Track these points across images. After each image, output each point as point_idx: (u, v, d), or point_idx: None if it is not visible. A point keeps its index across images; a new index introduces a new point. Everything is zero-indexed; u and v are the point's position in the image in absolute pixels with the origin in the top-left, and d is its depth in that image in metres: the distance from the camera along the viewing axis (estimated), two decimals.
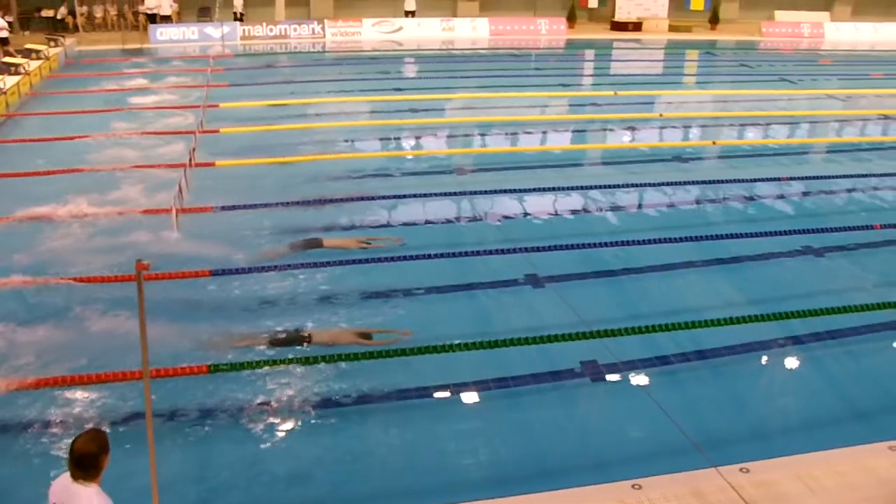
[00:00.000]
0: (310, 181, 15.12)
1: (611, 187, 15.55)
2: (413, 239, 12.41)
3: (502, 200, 14.50)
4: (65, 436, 7.32)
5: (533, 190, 14.93)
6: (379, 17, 39.12)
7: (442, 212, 13.97)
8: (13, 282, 10.44)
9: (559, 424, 8.02)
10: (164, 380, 8.14)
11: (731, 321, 9.65)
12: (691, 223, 13.65)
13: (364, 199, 14.13)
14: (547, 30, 41.19)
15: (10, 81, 22.26)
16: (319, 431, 7.68)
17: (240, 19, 37.75)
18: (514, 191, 14.86)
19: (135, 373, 7.97)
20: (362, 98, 23.79)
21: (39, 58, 26.94)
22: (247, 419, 7.74)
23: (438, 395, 8.37)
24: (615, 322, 9.72)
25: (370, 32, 38.29)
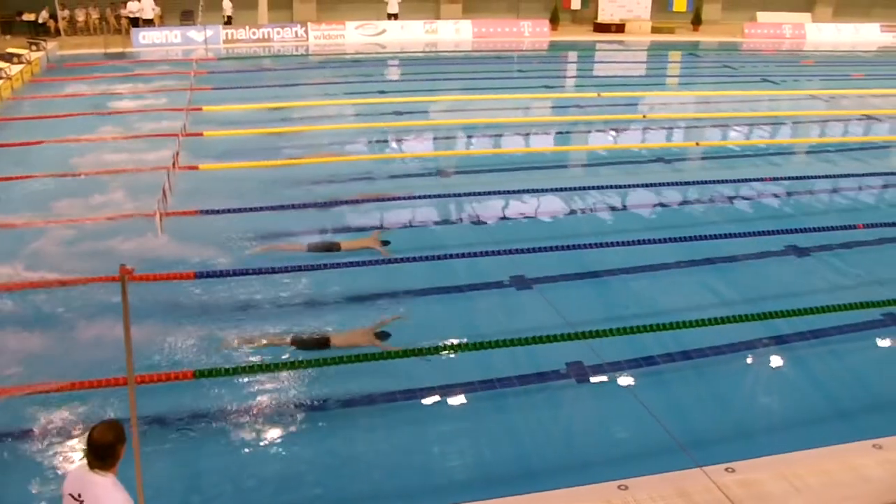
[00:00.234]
0: (293, 184, 15.07)
1: (595, 188, 15.59)
2: (398, 241, 12.40)
3: (487, 202, 14.51)
4: (50, 445, 7.29)
5: (517, 192, 14.94)
6: (362, 20, 39.06)
7: (426, 214, 13.95)
8: None
9: (545, 426, 8.03)
10: (150, 386, 8.10)
11: (716, 321, 9.68)
12: (675, 224, 13.69)
13: (349, 203, 14.11)
14: (530, 32, 41.25)
15: None
16: (306, 435, 7.67)
17: (228, 22, 37.65)
18: (499, 192, 14.87)
19: (119, 379, 7.91)
20: (346, 101, 23.76)
21: (21, 62, 26.75)
22: (233, 425, 7.72)
23: (424, 398, 8.35)
24: (600, 323, 9.72)
25: (353, 35, 38.25)
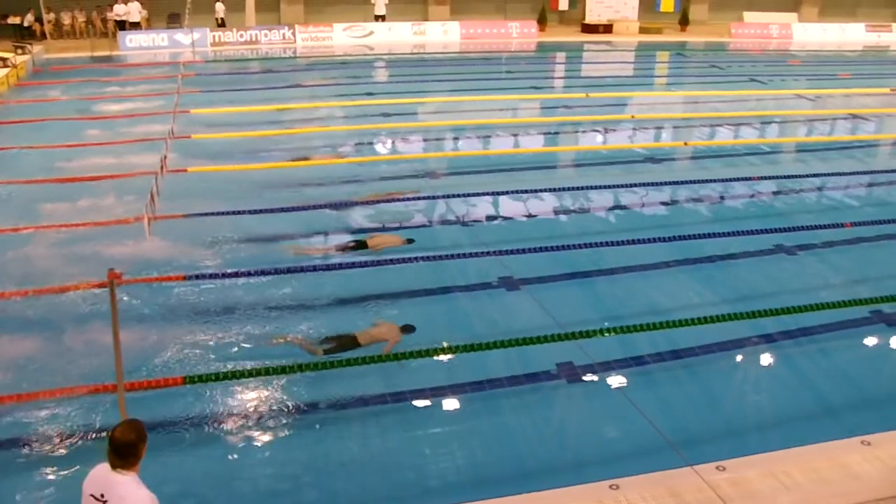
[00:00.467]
0: (282, 187, 15.05)
1: (583, 189, 15.63)
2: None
3: (475, 203, 14.51)
4: (38, 452, 7.26)
5: (506, 192, 14.97)
6: (349, 22, 39.04)
7: (415, 215, 13.93)
8: None
9: (536, 426, 8.04)
10: (139, 391, 8.07)
11: (705, 320, 9.72)
12: (664, 224, 13.73)
13: (337, 206, 14.09)
14: (518, 33, 41.30)
15: None
16: (297, 440, 7.65)
17: (222, 25, 37.59)
18: (487, 194, 14.89)
19: (108, 386, 7.89)
20: (334, 103, 23.72)
21: (6, 66, 26.65)
22: (225, 430, 7.70)
23: (415, 400, 8.34)
24: (590, 323, 9.76)
25: (341, 37, 38.21)
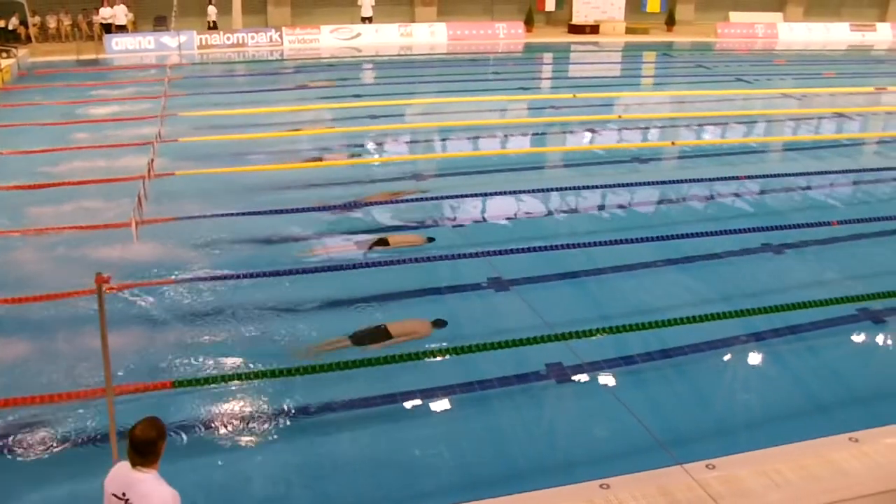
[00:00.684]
0: (269, 189, 15.02)
1: (571, 189, 15.66)
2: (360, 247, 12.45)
3: (463, 204, 14.52)
4: (26, 458, 7.23)
5: (494, 194, 14.99)
6: (336, 24, 39.01)
7: (403, 217, 13.92)
8: None
9: (526, 427, 8.05)
10: (128, 396, 8.04)
11: (694, 319, 9.75)
12: (652, 223, 13.78)
13: (324, 208, 14.07)
14: (505, 34, 41.36)
15: None
16: (286, 443, 7.64)
17: (214, 27, 37.51)
18: (475, 195, 14.90)
19: (97, 390, 7.86)
20: (321, 106, 23.68)
21: None
22: (215, 434, 7.68)
23: (405, 402, 8.34)
24: (579, 324, 9.77)
25: (328, 39, 38.18)
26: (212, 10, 37.64)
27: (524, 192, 15.09)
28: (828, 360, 9.39)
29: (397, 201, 14.59)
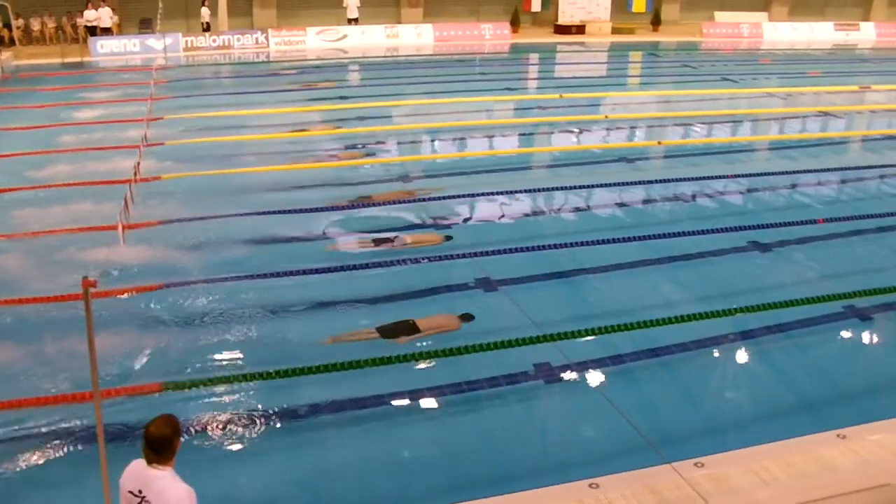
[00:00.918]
0: (256, 191, 14.98)
1: (558, 189, 15.68)
2: (362, 247, 12.40)
3: (450, 205, 14.50)
4: (13, 463, 7.19)
5: (481, 194, 14.99)
6: (322, 26, 38.95)
7: (390, 219, 13.89)
8: None
9: (515, 427, 8.04)
10: (116, 400, 8.01)
11: (682, 319, 9.78)
12: (639, 223, 13.80)
13: (311, 210, 14.04)
14: (491, 35, 41.38)
15: None
16: (274, 446, 7.62)
17: (207, 29, 37.41)
18: (462, 196, 14.89)
19: (85, 394, 7.82)
20: (307, 108, 23.62)
21: None
22: (203, 437, 7.65)
23: (394, 403, 8.33)
24: (567, 323, 9.80)
25: (314, 41, 38.12)
26: (205, 12, 37.52)
27: (511, 193, 15.10)
28: (815, 358, 9.43)
29: (385, 203, 14.56)
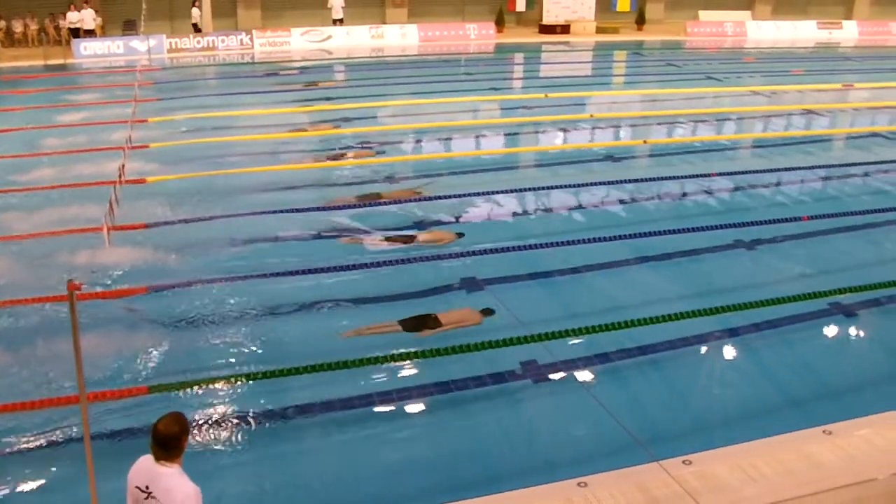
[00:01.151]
0: (242, 193, 14.94)
1: (544, 188, 15.70)
2: (348, 248, 12.39)
3: (436, 206, 14.48)
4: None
5: (466, 195, 14.98)
6: (307, 27, 38.87)
7: (375, 220, 13.86)
8: None
9: (503, 427, 8.05)
10: (103, 403, 7.97)
11: (669, 317, 9.81)
12: (625, 221, 13.83)
13: (297, 211, 14.01)
14: (476, 34, 41.40)
15: None
16: (261, 447, 7.60)
17: (198, 30, 37.27)
18: (448, 196, 14.88)
19: (71, 398, 7.78)
20: (291, 109, 23.55)
21: None
22: (190, 439, 7.61)
23: (381, 404, 8.32)
24: (553, 322, 9.81)
25: (299, 42, 38.03)
26: (195, 13, 37.38)
27: (497, 193, 15.10)
28: (801, 354, 9.48)
29: (373, 204, 14.54)
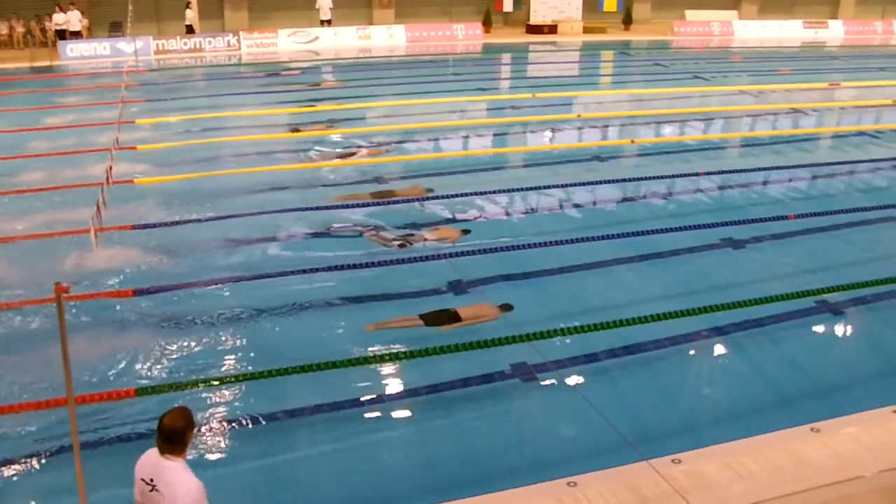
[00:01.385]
0: (228, 194, 14.90)
1: (532, 189, 15.71)
2: (338, 249, 12.39)
3: (424, 207, 14.48)
4: None
5: (455, 195, 14.98)
6: (295, 28, 38.80)
7: (363, 221, 13.85)
8: None
9: (493, 427, 8.06)
10: (91, 405, 7.95)
11: (657, 317, 9.84)
12: (613, 221, 13.85)
13: (286, 211, 13.99)
14: (463, 35, 41.41)
15: None
16: (250, 449, 7.60)
17: (191, 31, 37.14)
18: (435, 197, 14.88)
19: (59, 400, 7.76)
20: (278, 110, 23.50)
21: None
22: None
23: (371, 406, 8.32)
24: (542, 323, 9.82)
25: (286, 43, 37.94)
26: (189, 14, 37.22)
27: (485, 193, 15.10)
28: (789, 353, 9.53)
29: (363, 204, 14.53)
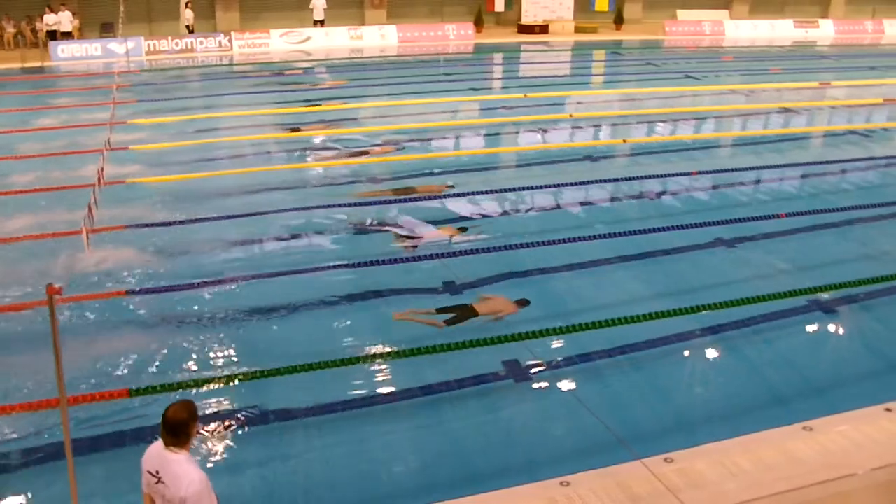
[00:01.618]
0: (219, 195, 14.88)
1: (524, 189, 15.71)
2: (331, 249, 12.38)
3: (416, 207, 14.48)
4: None
5: (446, 196, 14.99)
6: (286, 28, 38.77)
7: (356, 220, 13.84)
8: None
9: (486, 427, 8.07)
10: (83, 406, 7.93)
11: (649, 316, 9.85)
12: (605, 221, 13.87)
13: (277, 212, 13.97)
14: (455, 35, 41.44)
15: None
16: (243, 449, 7.59)
17: (191, 32, 37.08)
18: (427, 198, 14.88)
19: (51, 401, 7.74)
20: (270, 111, 23.47)
21: None
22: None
23: (363, 406, 8.32)
24: (535, 322, 9.83)
25: (278, 43, 37.92)
26: (189, 15, 37.15)
27: (477, 194, 15.12)
28: (781, 351, 9.56)
29: (356, 204, 14.52)
